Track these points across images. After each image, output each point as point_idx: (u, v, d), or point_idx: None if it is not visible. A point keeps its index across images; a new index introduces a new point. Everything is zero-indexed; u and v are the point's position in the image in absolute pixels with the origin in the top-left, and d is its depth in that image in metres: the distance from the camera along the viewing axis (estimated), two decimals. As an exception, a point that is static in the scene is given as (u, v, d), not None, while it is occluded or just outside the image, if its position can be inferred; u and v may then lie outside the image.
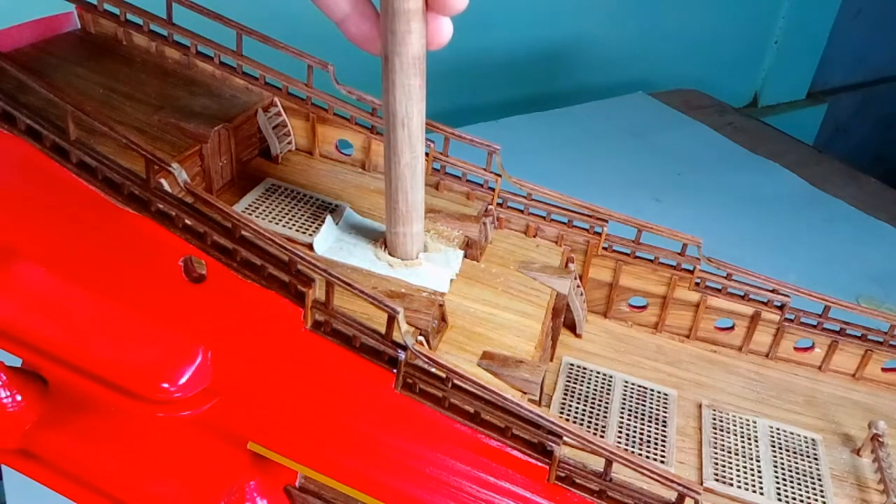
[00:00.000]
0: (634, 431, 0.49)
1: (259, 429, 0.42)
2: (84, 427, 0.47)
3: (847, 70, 1.99)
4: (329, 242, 0.48)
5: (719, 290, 0.56)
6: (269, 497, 0.43)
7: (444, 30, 0.40)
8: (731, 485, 0.47)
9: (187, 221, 0.39)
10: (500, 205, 0.56)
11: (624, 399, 0.52)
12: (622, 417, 0.50)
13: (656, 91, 1.42)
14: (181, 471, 0.45)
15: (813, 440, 0.51)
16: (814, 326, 0.56)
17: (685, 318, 0.57)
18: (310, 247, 0.47)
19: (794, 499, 0.46)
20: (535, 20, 1.35)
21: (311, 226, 0.50)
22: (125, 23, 0.56)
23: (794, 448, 0.50)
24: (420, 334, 0.42)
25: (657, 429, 0.50)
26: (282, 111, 0.56)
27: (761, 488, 0.47)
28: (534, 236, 0.56)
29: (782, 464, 0.49)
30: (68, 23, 0.56)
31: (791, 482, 0.47)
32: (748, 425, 0.51)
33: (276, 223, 0.50)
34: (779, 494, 0.46)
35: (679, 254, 0.56)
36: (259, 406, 0.42)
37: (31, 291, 0.44)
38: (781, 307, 0.55)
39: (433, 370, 0.38)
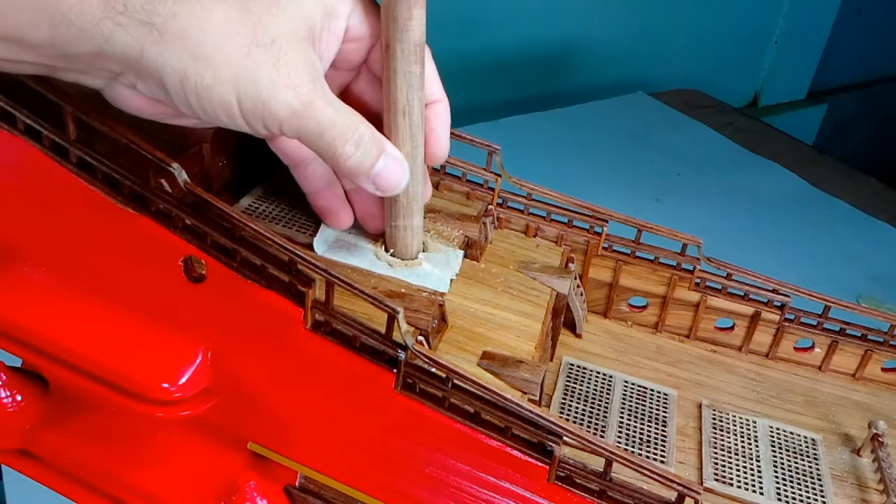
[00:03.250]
0: (634, 431, 0.49)
1: (259, 429, 0.42)
2: (84, 427, 0.47)
3: (847, 70, 1.99)
4: (329, 242, 0.48)
5: (719, 290, 0.56)
6: (269, 497, 0.43)
7: None
8: (731, 485, 0.47)
9: (187, 221, 0.39)
10: (500, 205, 0.56)
11: (624, 399, 0.52)
12: (622, 417, 0.50)
13: (656, 91, 1.42)
14: (181, 471, 0.45)
15: (813, 440, 0.51)
16: (814, 326, 0.56)
17: (685, 318, 0.57)
18: (310, 247, 0.47)
19: (794, 499, 0.46)
20: (535, 20, 1.36)
21: (311, 226, 0.50)
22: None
23: (794, 448, 0.50)
24: (420, 334, 0.42)
25: (657, 429, 0.50)
26: (282, 111, 0.56)
27: (761, 488, 0.47)
28: (534, 236, 0.56)
29: (782, 464, 0.49)
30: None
31: (791, 482, 0.47)
32: (748, 425, 0.51)
33: (276, 223, 0.50)
34: (779, 494, 0.46)
35: (679, 254, 0.56)
36: (259, 406, 0.42)
37: (31, 291, 0.44)
38: (781, 307, 0.55)
39: (433, 370, 0.38)
